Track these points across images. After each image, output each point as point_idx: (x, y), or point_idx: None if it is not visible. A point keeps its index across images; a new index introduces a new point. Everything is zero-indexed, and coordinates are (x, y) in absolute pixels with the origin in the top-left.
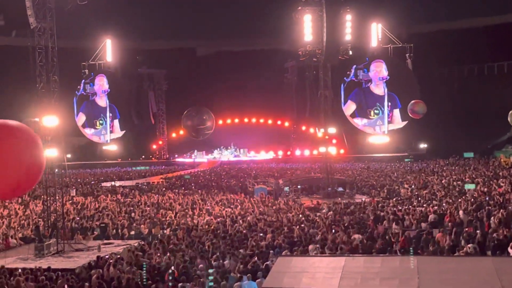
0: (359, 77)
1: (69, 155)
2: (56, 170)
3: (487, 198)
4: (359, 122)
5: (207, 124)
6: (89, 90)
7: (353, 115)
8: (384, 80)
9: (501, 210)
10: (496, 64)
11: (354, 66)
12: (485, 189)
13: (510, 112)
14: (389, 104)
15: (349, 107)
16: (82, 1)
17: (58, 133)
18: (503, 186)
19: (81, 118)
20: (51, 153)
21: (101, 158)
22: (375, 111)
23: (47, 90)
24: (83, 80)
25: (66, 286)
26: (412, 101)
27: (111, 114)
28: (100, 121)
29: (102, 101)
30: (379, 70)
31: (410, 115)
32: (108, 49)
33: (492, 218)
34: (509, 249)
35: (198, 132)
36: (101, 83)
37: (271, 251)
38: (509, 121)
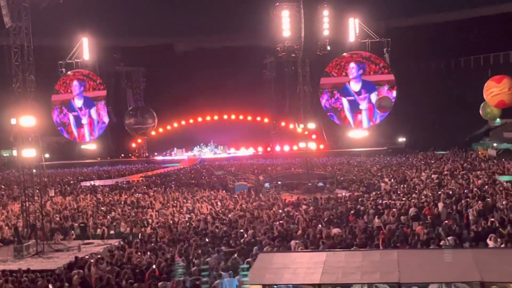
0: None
1: (47, 155)
2: (34, 170)
3: (465, 191)
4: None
5: (148, 122)
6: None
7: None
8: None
9: (479, 202)
10: (472, 57)
11: None
12: (464, 182)
13: (482, 105)
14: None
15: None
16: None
17: (36, 133)
18: (481, 178)
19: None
20: (28, 153)
21: (80, 157)
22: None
23: (23, 90)
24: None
25: (51, 286)
26: (379, 97)
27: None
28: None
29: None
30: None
31: (377, 110)
32: (85, 48)
33: (470, 210)
34: (487, 241)
35: (137, 130)
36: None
37: (255, 248)
38: (481, 114)
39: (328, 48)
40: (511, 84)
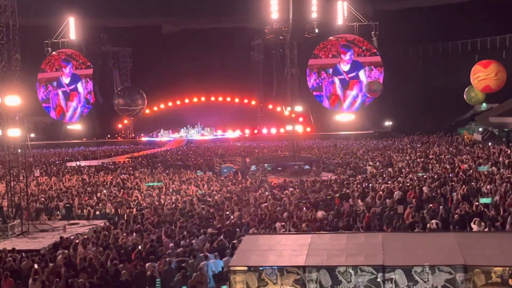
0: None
1: (32, 135)
2: (19, 150)
3: (450, 175)
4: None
5: (138, 103)
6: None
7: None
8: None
9: (463, 186)
10: (460, 42)
11: None
12: (449, 166)
13: (466, 89)
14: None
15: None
16: None
17: (21, 113)
18: (466, 163)
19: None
20: (14, 132)
21: (66, 137)
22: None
23: (8, 69)
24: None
25: (36, 265)
26: (368, 81)
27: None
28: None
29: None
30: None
31: (368, 94)
32: (72, 27)
33: (454, 194)
34: (471, 224)
35: (124, 111)
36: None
37: (238, 230)
38: (465, 98)
39: (316, 30)
40: (497, 69)
